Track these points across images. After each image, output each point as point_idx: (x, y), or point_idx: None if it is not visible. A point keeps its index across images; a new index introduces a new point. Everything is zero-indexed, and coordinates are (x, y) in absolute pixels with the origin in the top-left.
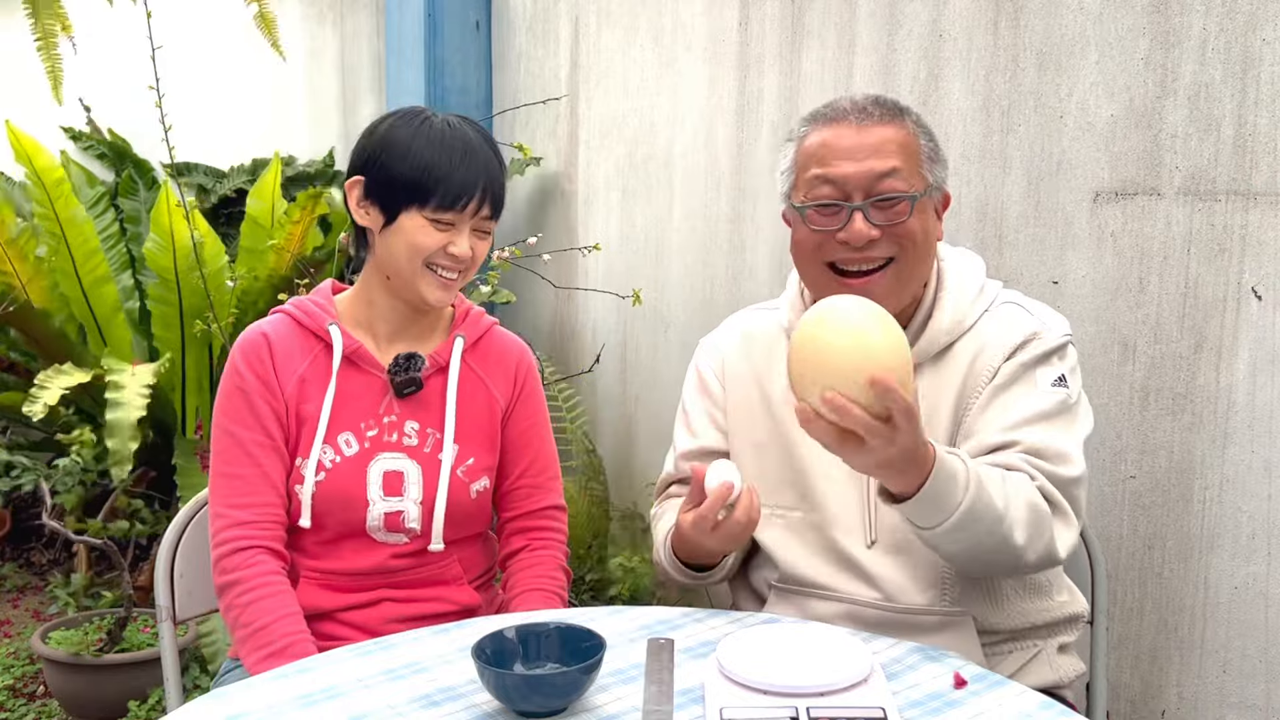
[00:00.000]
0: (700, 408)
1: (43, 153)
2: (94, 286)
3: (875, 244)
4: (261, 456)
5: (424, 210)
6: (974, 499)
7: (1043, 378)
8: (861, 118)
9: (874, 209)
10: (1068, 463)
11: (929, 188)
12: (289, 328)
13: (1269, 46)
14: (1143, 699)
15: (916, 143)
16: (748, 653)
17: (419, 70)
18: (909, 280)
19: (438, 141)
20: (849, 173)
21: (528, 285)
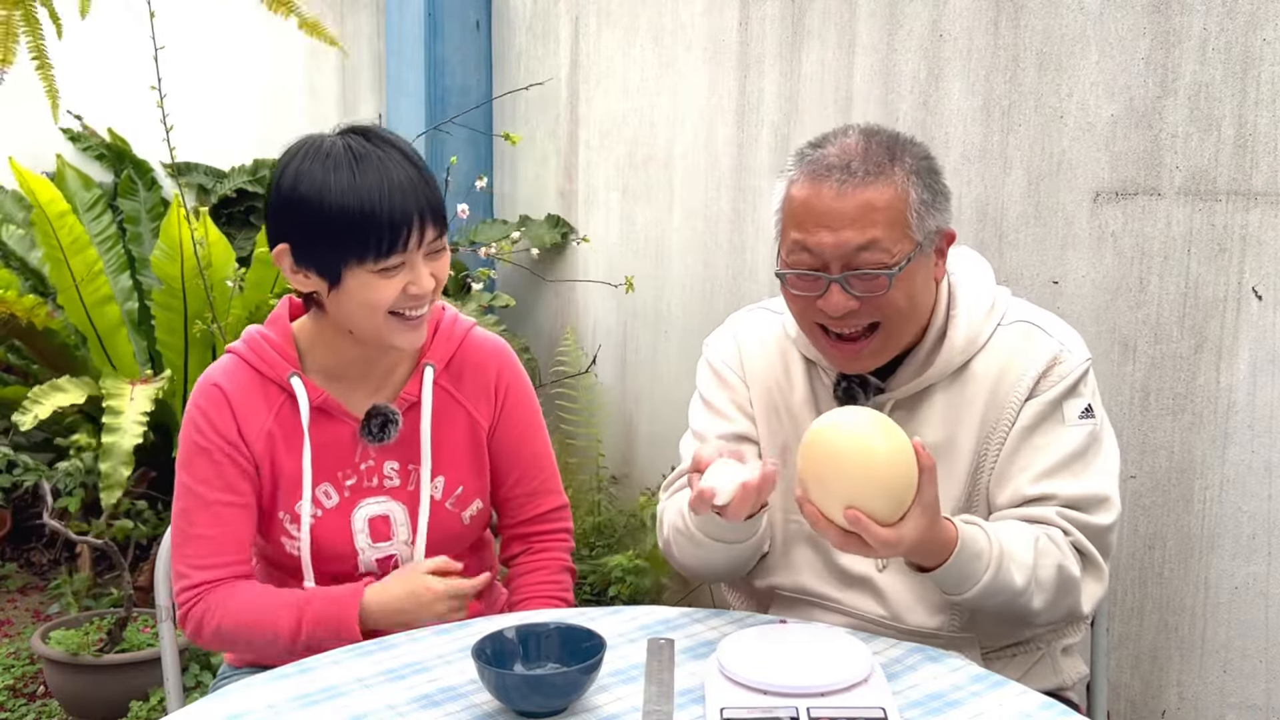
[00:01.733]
0: (724, 397)
1: (46, 187)
2: (96, 306)
3: (856, 314)
4: (228, 516)
5: (365, 264)
6: (993, 577)
7: (1070, 412)
8: (844, 179)
9: (852, 281)
10: (1105, 509)
11: (919, 246)
12: (247, 378)
13: (1269, 46)
14: (1143, 699)
15: (905, 199)
16: (748, 653)
17: (419, 70)
18: (898, 339)
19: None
20: (826, 243)
21: (527, 287)
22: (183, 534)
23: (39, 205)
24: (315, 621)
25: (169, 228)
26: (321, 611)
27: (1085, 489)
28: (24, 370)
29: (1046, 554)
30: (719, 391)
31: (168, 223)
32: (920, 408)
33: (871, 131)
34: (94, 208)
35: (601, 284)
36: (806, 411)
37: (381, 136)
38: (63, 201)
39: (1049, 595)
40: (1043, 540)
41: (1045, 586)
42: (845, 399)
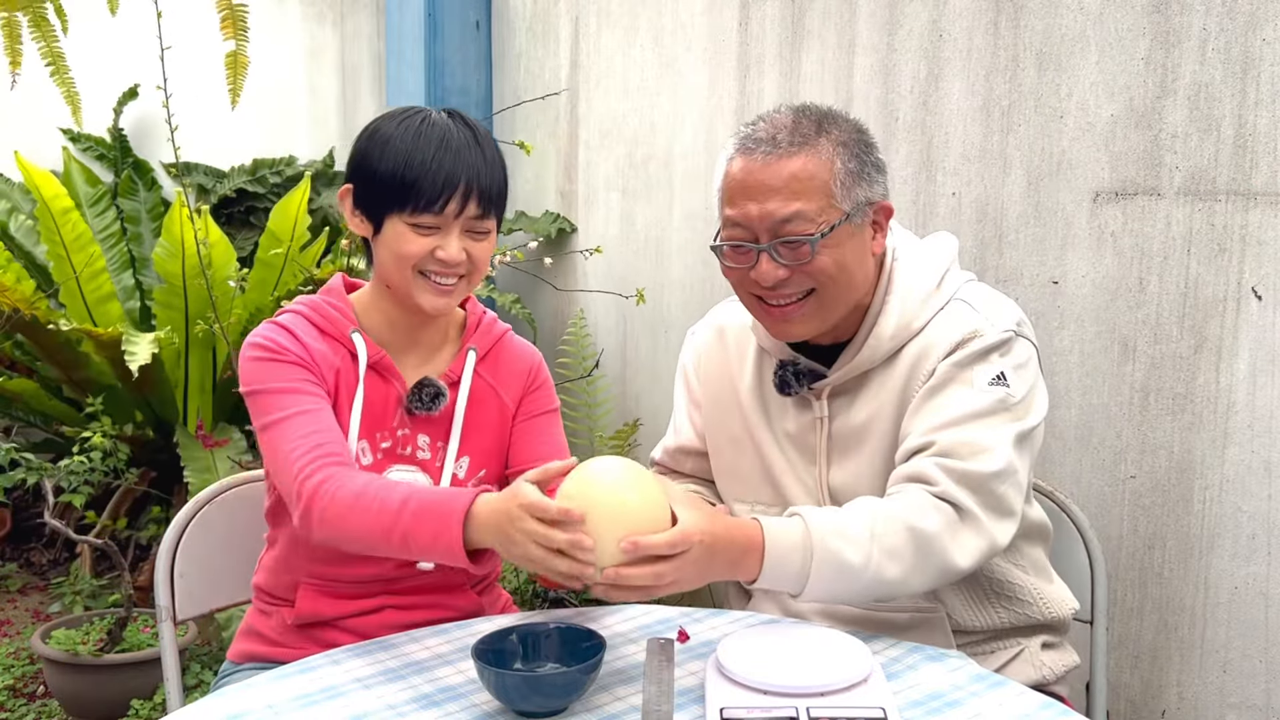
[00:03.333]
0: (682, 404)
1: (51, 182)
2: (98, 304)
3: (787, 281)
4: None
5: (403, 215)
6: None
7: (979, 376)
8: (769, 150)
9: (780, 250)
10: (983, 457)
11: (847, 215)
12: (308, 329)
13: (1269, 46)
14: (1143, 699)
15: (830, 170)
16: (748, 653)
17: (419, 70)
18: (833, 306)
19: (413, 138)
20: (753, 214)
21: (528, 289)
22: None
23: (43, 200)
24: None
25: (171, 226)
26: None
27: (967, 437)
28: (28, 366)
29: (890, 519)
30: (680, 391)
31: (170, 221)
32: (856, 392)
33: (803, 108)
34: (98, 204)
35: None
36: (751, 400)
37: (466, 119)
38: (67, 197)
39: (904, 561)
40: (885, 506)
41: (894, 553)
42: (780, 387)
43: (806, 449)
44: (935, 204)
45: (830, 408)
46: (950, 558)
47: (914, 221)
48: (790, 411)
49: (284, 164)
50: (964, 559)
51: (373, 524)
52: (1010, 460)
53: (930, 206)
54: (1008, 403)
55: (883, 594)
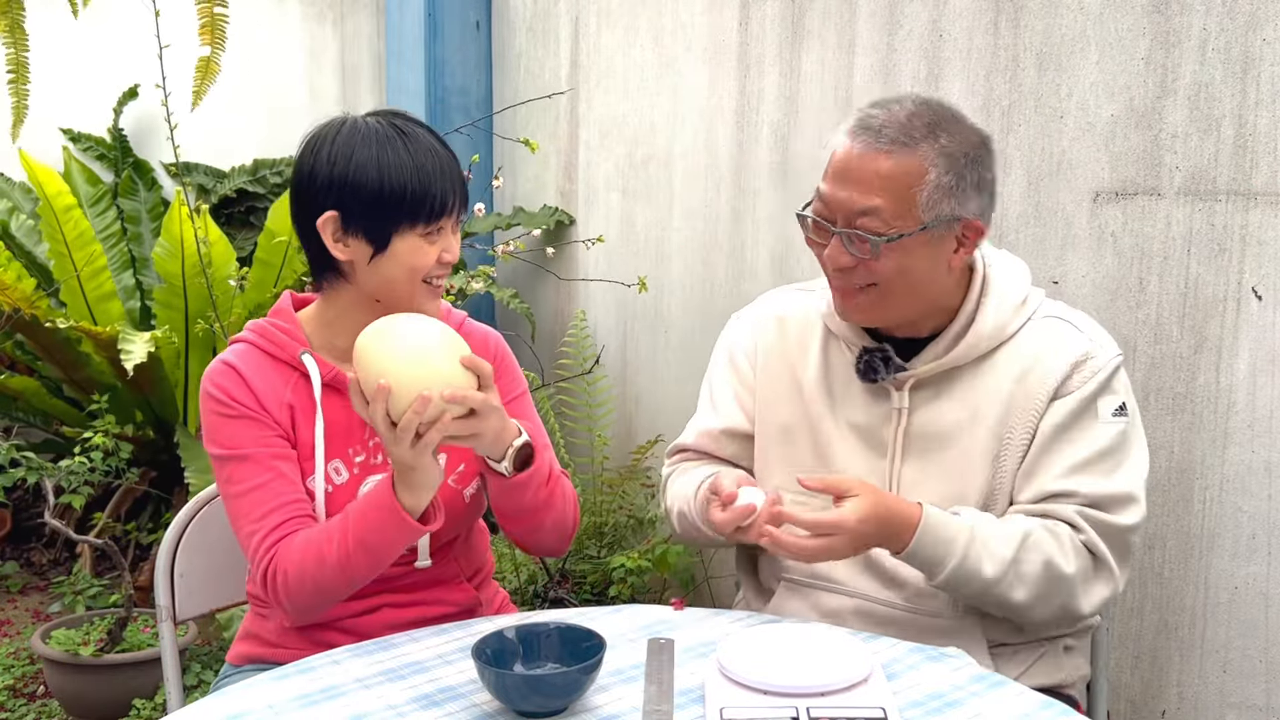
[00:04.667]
0: (728, 386)
1: (54, 179)
2: (99, 302)
3: (852, 271)
4: (273, 463)
5: (416, 228)
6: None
7: (1104, 409)
8: (872, 140)
9: (850, 238)
10: (1128, 510)
11: (924, 226)
12: (258, 359)
13: (1269, 46)
14: (1143, 699)
15: (920, 176)
16: (748, 653)
17: (419, 70)
18: (894, 307)
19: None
20: (836, 197)
21: (528, 286)
22: (234, 499)
23: (46, 198)
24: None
25: (171, 225)
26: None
27: (1110, 488)
28: (29, 365)
29: (1034, 549)
30: (726, 375)
31: (169, 220)
32: (942, 390)
33: (926, 104)
34: (98, 204)
35: (601, 283)
36: (816, 389)
37: (416, 120)
38: (69, 195)
39: (1033, 590)
40: (1036, 534)
41: (1027, 580)
42: (865, 373)
43: (875, 441)
44: None
45: (911, 400)
46: (1078, 603)
47: None
48: (860, 402)
49: (284, 164)
50: (1088, 606)
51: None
52: (1144, 511)
53: None
54: (1129, 434)
55: (1004, 611)
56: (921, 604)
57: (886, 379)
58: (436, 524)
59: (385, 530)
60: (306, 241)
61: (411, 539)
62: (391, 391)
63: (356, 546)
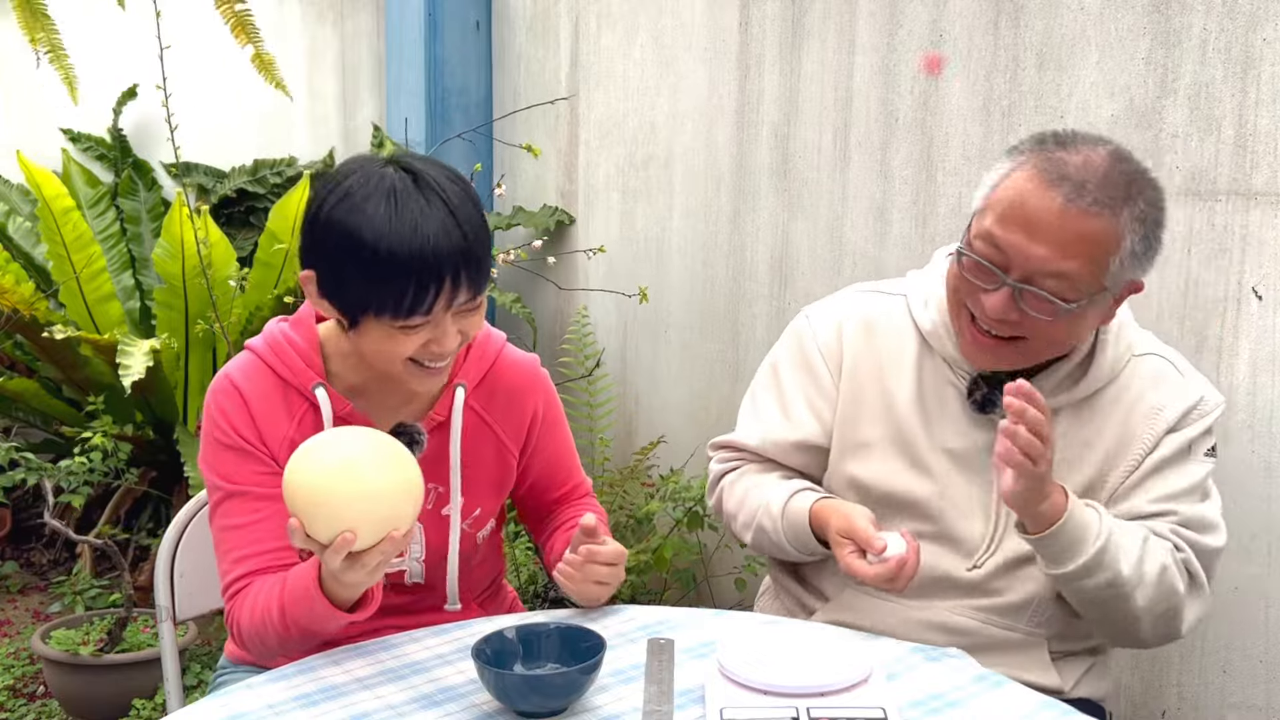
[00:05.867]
0: (800, 392)
1: (52, 181)
2: (98, 304)
3: (1009, 324)
4: (261, 505)
5: (383, 319)
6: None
7: (1198, 449)
8: (1072, 197)
9: (1026, 295)
10: (1215, 533)
11: (1105, 290)
12: (268, 383)
13: (1269, 46)
14: (1143, 699)
15: (1118, 243)
16: (748, 653)
17: (419, 70)
18: (1035, 359)
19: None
20: (1020, 248)
21: (529, 287)
22: (219, 530)
23: (44, 199)
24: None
25: (171, 225)
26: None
27: (1200, 512)
28: (28, 365)
29: (1154, 553)
30: (798, 380)
31: (169, 220)
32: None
33: (1121, 156)
34: (98, 204)
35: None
36: (911, 408)
37: (429, 180)
38: (68, 197)
39: (1151, 594)
40: (1154, 540)
41: (1148, 583)
42: (981, 405)
43: (974, 466)
44: (935, 204)
45: None
46: (1180, 621)
47: (914, 221)
48: (959, 426)
49: (284, 164)
50: (1186, 626)
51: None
52: (1226, 537)
53: (930, 206)
54: (1214, 473)
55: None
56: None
57: (997, 413)
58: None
59: (314, 615)
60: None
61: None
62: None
63: (292, 623)
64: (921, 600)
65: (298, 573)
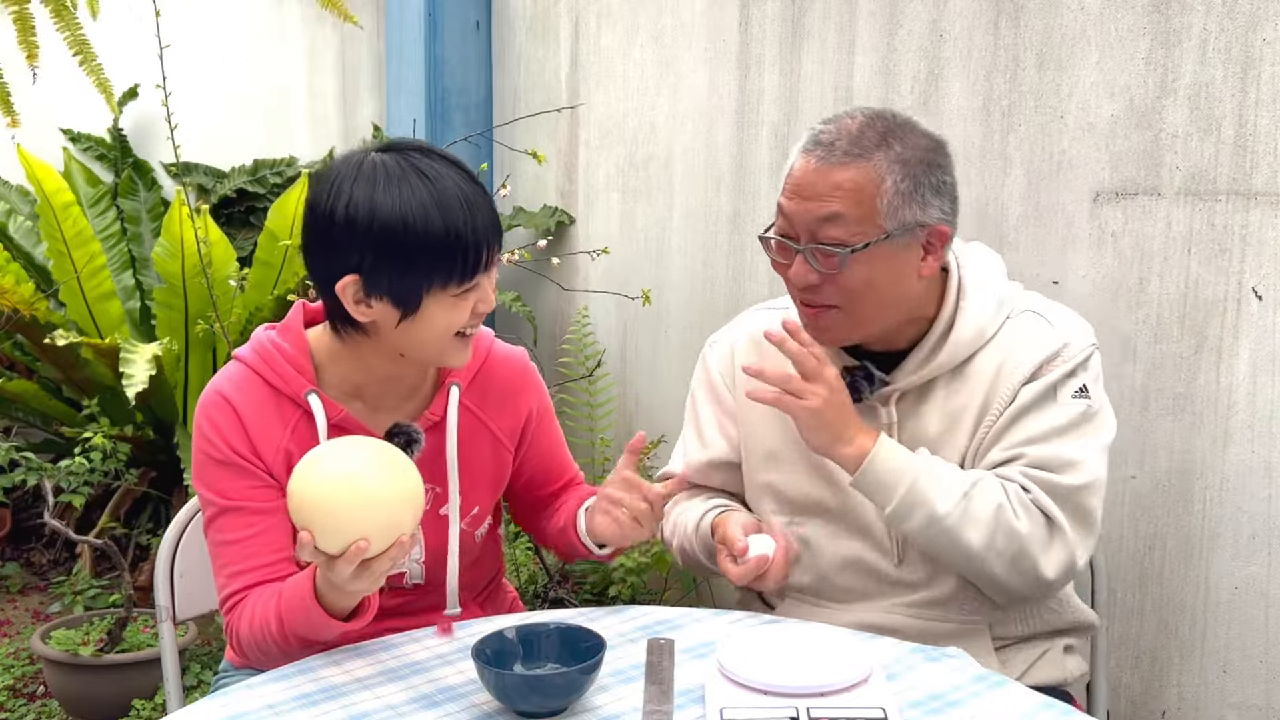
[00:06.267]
0: (710, 415)
1: (53, 176)
2: (98, 302)
3: (818, 289)
4: (255, 519)
5: (449, 288)
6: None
7: (1064, 393)
8: (826, 155)
9: (816, 254)
10: (1074, 470)
11: (888, 234)
12: (259, 393)
13: (1269, 46)
14: (1143, 699)
15: (880, 185)
16: (748, 653)
17: (419, 70)
18: (862, 323)
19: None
20: (796, 211)
21: (529, 287)
22: (214, 545)
23: (44, 196)
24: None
25: (170, 225)
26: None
27: (1055, 452)
28: (27, 366)
29: (985, 493)
30: (706, 403)
31: (169, 220)
32: (925, 398)
33: (877, 116)
34: (98, 204)
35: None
36: None
37: (440, 154)
38: (68, 192)
39: (986, 533)
40: (988, 481)
41: (978, 520)
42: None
43: None
44: None
45: (898, 414)
46: (1039, 566)
47: None
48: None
49: (284, 164)
50: (1052, 571)
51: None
52: (1096, 473)
53: None
54: (1089, 414)
55: (960, 557)
56: (930, 612)
57: (871, 397)
58: (365, 619)
59: (311, 625)
60: (323, 290)
61: (339, 631)
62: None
63: (290, 633)
64: (865, 603)
65: (293, 584)
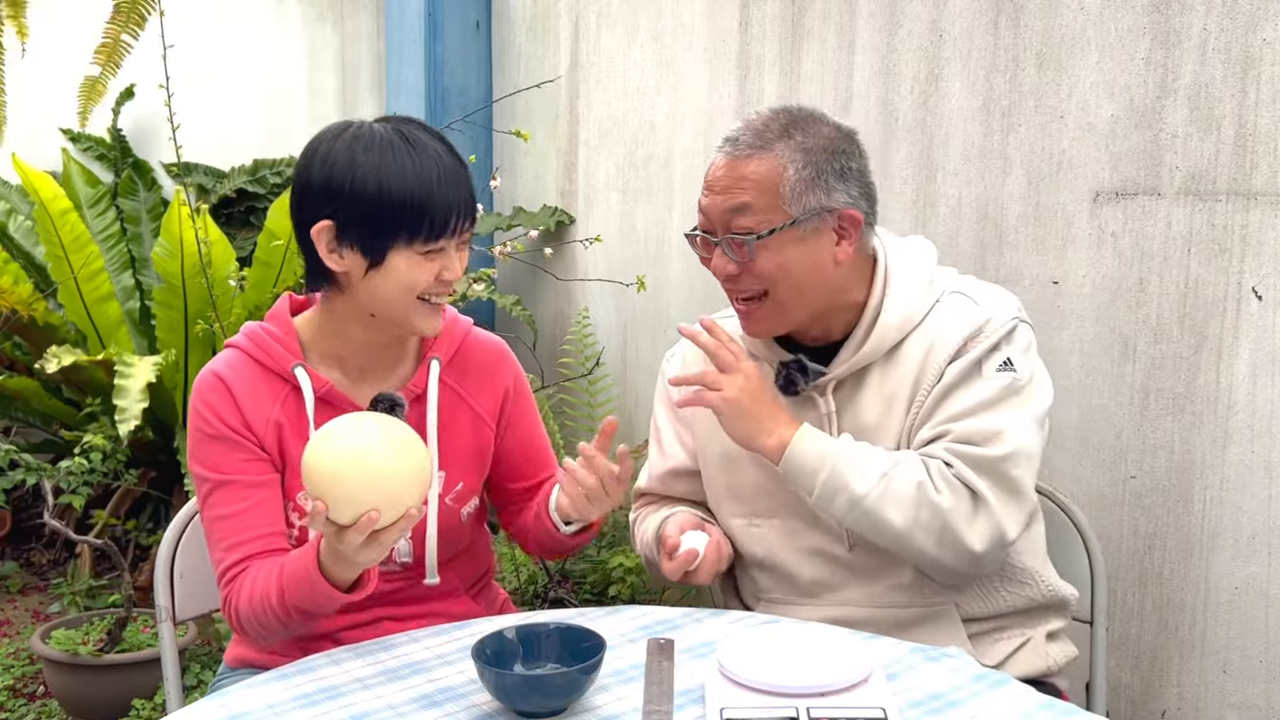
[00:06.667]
0: (669, 427)
1: (48, 183)
2: (97, 304)
3: (739, 279)
4: (249, 492)
5: (414, 245)
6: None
7: (988, 367)
8: (733, 150)
9: (729, 244)
10: (997, 441)
11: (794, 220)
12: (248, 369)
13: (1269, 46)
14: (1143, 699)
15: (782, 174)
16: (748, 653)
17: (419, 70)
18: (789, 310)
19: (409, 166)
20: (711, 206)
21: (529, 288)
22: (209, 521)
23: (41, 202)
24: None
25: (170, 225)
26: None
27: (979, 425)
28: (27, 366)
29: (905, 472)
30: (664, 415)
31: (169, 220)
32: (860, 385)
33: (781, 110)
34: (97, 205)
35: (602, 282)
36: None
37: (426, 128)
38: (64, 199)
39: (908, 514)
40: (909, 460)
41: (900, 499)
42: (785, 387)
43: None
44: (935, 204)
45: (836, 402)
46: (965, 539)
47: (914, 221)
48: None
49: (284, 164)
50: (978, 542)
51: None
52: (1021, 443)
53: (930, 206)
54: (1015, 387)
55: (887, 537)
56: (896, 598)
57: (807, 388)
58: (366, 591)
59: (314, 597)
60: (304, 247)
61: (341, 604)
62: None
63: (291, 606)
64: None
65: (296, 556)
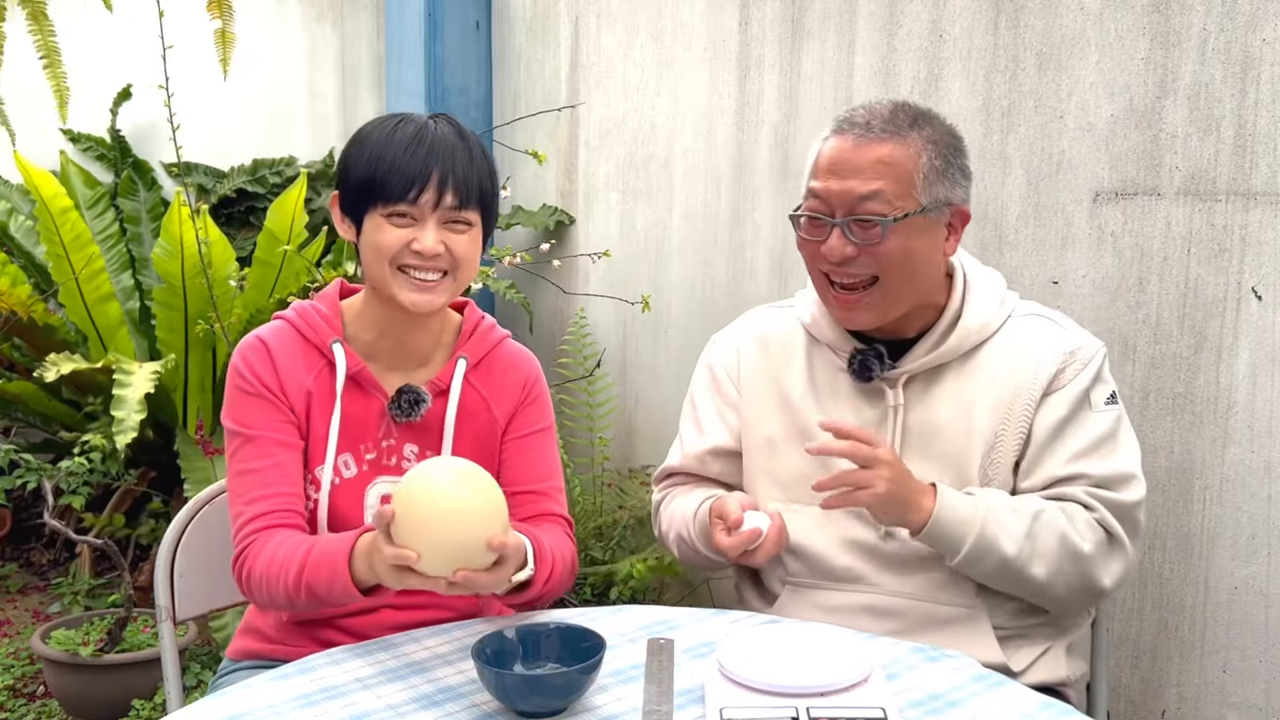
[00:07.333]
0: (711, 406)
1: (50, 181)
2: (97, 304)
3: (854, 261)
4: (276, 450)
5: (377, 208)
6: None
7: (1096, 398)
8: (862, 134)
9: (853, 227)
10: (1131, 487)
11: (924, 208)
12: (291, 339)
13: (1269, 46)
14: (1143, 699)
15: (917, 161)
16: (748, 653)
17: (419, 70)
18: (897, 299)
19: (388, 135)
20: (833, 190)
21: (530, 286)
22: (235, 474)
23: (42, 200)
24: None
25: (170, 225)
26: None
27: (1113, 468)
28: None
29: (1049, 525)
30: (709, 396)
31: (169, 220)
32: (932, 386)
33: (903, 104)
34: (96, 205)
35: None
36: (806, 399)
37: (451, 121)
38: (65, 197)
39: (1051, 566)
40: (1049, 512)
41: (1045, 555)
42: (860, 372)
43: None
44: None
45: (905, 397)
46: (1098, 579)
47: None
48: (851, 405)
49: (284, 164)
50: (1109, 580)
51: (280, 587)
52: (1145, 488)
53: None
54: (1122, 420)
55: (1025, 589)
56: (929, 594)
57: (881, 376)
58: (383, 599)
59: (332, 587)
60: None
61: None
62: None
63: (305, 586)
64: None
65: (328, 539)
